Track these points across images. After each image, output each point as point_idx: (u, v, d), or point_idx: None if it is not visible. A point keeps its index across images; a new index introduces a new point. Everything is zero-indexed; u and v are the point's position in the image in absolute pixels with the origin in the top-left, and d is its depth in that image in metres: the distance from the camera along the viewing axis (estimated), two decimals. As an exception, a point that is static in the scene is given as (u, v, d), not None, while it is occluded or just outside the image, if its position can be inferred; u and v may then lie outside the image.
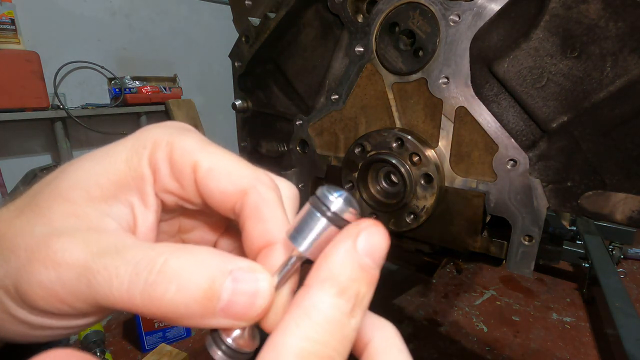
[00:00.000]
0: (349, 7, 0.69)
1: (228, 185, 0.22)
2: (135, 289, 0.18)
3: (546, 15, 0.52)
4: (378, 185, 0.72)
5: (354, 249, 0.19)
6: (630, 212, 0.51)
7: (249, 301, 0.19)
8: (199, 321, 0.19)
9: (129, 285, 0.18)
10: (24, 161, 2.29)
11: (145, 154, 0.22)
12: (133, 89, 2.56)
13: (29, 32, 2.22)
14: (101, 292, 0.18)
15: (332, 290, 0.18)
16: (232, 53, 0.87)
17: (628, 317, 1.58)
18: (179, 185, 0.23)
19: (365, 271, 0.19)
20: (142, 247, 0.19)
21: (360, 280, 0.19)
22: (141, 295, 0.18)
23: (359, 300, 0.19)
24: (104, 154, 0.23)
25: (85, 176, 0.22)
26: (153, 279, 0.18)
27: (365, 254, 0.19)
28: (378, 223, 0.20)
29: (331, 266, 0.18)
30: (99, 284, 0.18)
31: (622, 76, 0.49)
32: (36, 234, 0.20)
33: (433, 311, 1.98)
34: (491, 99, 0.60)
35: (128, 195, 0.22)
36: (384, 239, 0.19)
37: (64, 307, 0.19)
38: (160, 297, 0.18)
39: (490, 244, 0.64)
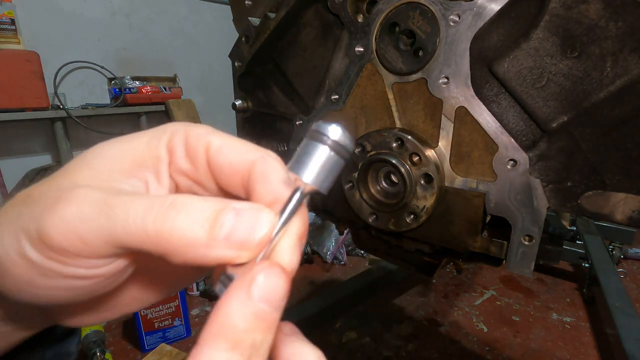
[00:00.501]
0: (349, 7, 0.69)
1: (237, 157, 0.23)
2: (148, 218, 0.20)
3: (546, 15, 0.52)
4: (378, 185, 0.72)
5: (248, 297, 0.18)
6: (630, 212, 0.51)
7: (250, 228, 0.20)
8: (203, 251, 0.19)
9: (143, 215, 0.20)
10: (24, 161, 2.29)
11: (164, 138, 0.24)
12: (133, 89, 2.56)
13: (29, 32, 2.22)
14: (118, 223, 0.20)
15: (224, 345, 0.17)
16: (232, 53, 0.87)
17: (628, 317, 1.58)
18: (192, 167, 0.24)
19: (261, 319, 0.18)
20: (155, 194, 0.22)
21: (256, 329, 0.18)
22: (154, 222, 0.19)
23: (256, 349, 0.18)
24: (128, 137, 0.25)
25: (109, 152, 0.24)
26: (165, 209, 0.20)
27: (261, 300, 0.18)
28: (273, 264, 0.19)
29: (223, 320, 0.18)
30: (116, 216, 0.20)
31: (622, 76, 0.49)
32: (61, 186, 0.22)
33: (433, 311, 1.98)
34: (491, 99, 0.60)
35: (145, 172, 0.24)
36: (281, 280, 0.19)
37: (81, 245, 0.20)
38: (170, 223, 0.19)
39: (490, 244, 0.64)
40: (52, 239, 0.20)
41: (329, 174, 0.21)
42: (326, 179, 0.21)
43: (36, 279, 0.21)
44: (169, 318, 1.67)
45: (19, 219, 0.21)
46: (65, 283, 0.21)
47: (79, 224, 0.20)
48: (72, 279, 0.21)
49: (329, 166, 0.21)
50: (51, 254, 0.20)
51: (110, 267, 0.22)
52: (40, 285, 0.21)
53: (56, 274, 0.21)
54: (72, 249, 0.20)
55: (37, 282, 0.21)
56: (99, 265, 0.21)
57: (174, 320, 1.69)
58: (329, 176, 0.21)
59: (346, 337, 1.79)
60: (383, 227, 0.72)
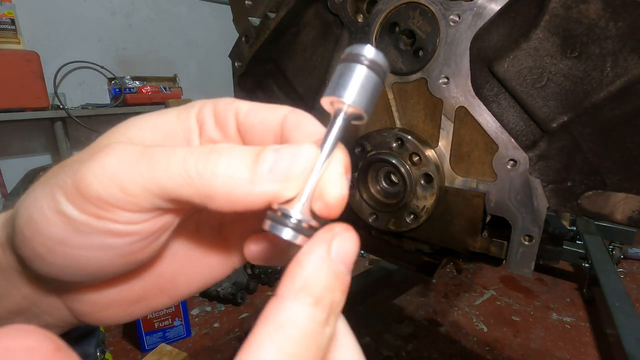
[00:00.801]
0: (349, 7, 0.69)
1: (268, 115, 0.23)
2: (190, 161, 0.19)
3: (546, 15, 0.52)
4: (378, 185, 0.72)
5: (329, 255, 0.18)
6: (630, 212, 0.51)
7: (291, 160, 0.19)
8: (248, 188, 0.19)
9: (184, 159, 0.19)
10: (24, 161, 2.29)
11: (193, 111, 0.25)
12: (133, 89, 2.56)
13: (29, 32, 2.22)
14: (160, 168, 0.19)
15: (307, 300, 0.17)
16: (232, 53, 0.87)
17: (628, 317, 1.58)
18: (222, 134, 0.25)
19: (339, 279, 0.18)
20: None
21: (335, 289, 0.18)
22: (195, 164, 0.19)
23: (333, 308, 0.18)
24: (159, 112, 0.25)
25: (143, 124, 0.24)
26: (206, 153, 0.19)
27: (339, 261, 0.19)
28: (349, 228, 0.19)
29: (306, 275, 0.18)
30: (157, 162, 0.19)
31: (622, 76, 0.49)
32: (99, 145, 0.22)
33: (433, 311, 1.98)
34: (491, 99, 0.60)
35: (177, 143, 0.25)
36: (356, 243, 0.20)
37: (121, 194, 0.19)
38: (212, 164, 0.19)
39: (490, 244, 0.64)
40: (90, 189, 0.19)
41: (370, 94, 0.20)
42: (367, 100, 0.20)
43: (70, 237, 0.20)
44: (169, 318, 1.67)
45: (55, 177, 0.20)
46: (100, 240, 0.20)
47: (119, 172, 0.19)
48: (108, 236, 0.20)
49: (368, 86, 0.20)
50: (88, 206, 0.19)
51: (147, 225, 0.21)
52: (74, 244, 0.20)
53: (92, 228, 0.20)
54: (111, 199, 0.19)
55: (71, 240, 0.20)
56: (137, 220, 0.20)
57: (174, 320, 1.69)
58: (370, 97, 0.20)
59: (346, 337, 1.78)
60: (383, 227, 0.72)
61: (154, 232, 0.22)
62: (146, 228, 0.21)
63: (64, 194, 0.20)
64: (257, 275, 2.28)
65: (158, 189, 0.19)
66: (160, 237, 0.23)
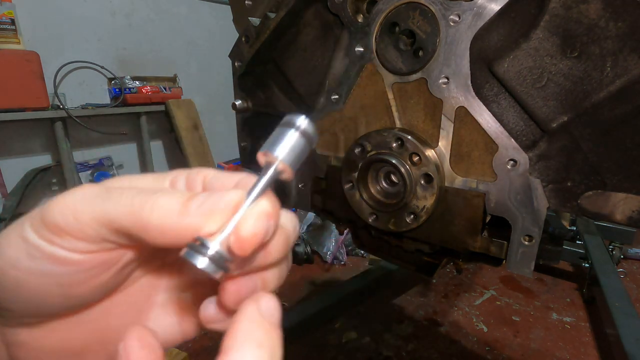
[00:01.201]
0: (349, 7, 0.69)
1: (227, 179, 0.26)
2: (137, 197, 0.22)
3: (546, 15, 0.52)
4: (378, 185, 0.72)
5: (259, 310, 0.22)
6: (630, 212, 0.51)
7: (219, 198, 0.22)
8: (177, 219, 0.22)
9: (133, 195, 0.22)
10: (24, 161, 2.28)
11: (168, 176, 0.28)
12: (133, 89, 2.56)
13: (29, 32, 2.22)
14: (110, 202, 0.22)
15: (252, 345, 0.21)
16: (232, 53, 0.87)
17: (628, 317, 1.58)
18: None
19: (274, 327, 0.22)
20: None
21: (274, 335, 0.22)
22: (140, 199, 0.22)
23: (275, 352, 0.21)
24: (141, 175, 0.28)
25: (123, 179, 0.27)
26: (152, 191, 0.23)
27: (267, 316, 0.22)
28: (266, 293, 0.24)
29: (246, 326, 0.21)
30: (110, 197, 0.22)
31: (622, 76, 0.49)
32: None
33: (433, 311, 1.98)
34: (491, 99, 0.60)
35: None
36: (274, 301, 0.23)
37: (73, 221, 0.22)
38: (152, 200, 0.22)
39: (490, 244, 0.64)
40: (50, 215, 0.22)
41: (297, 155, 0.23)
42: (294, 159, 0.23)
43: (21, 259, 0.22)
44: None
45: (31, 214, 0.24)
46: (44, 266, 0.22)
47: (77, 203, 0.22)
48: (52, 262, 0.22)
49: (298, 148, 0.23)
50: (45, 231, 0.22)
51: (90, 257, 0.23)
52: (23, 267, 0.22)
53: (42, 252, 0.22)
54: (65, 225, 0.22)
55: (21, 263, 0.22)
56: (82, 249, 0.23)
57: (174, 320, 1.68)
58: (297, 157, 0.23)
59: (346, 337, 1.79)
60: (383, 227, 0.72)
61: (95, 265, 0.24)
62: (88, 259, 0.23)
63: (30, 221, 0.23)
64: (257, 275, 2.28)
65: (104, 218, 0.22)
66: (100, 274, 0.24)
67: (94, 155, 2.62)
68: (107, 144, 2.69)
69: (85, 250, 0.23)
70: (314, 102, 0.80)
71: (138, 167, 2.91)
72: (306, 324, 1.63)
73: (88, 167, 2.53)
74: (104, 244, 0.23)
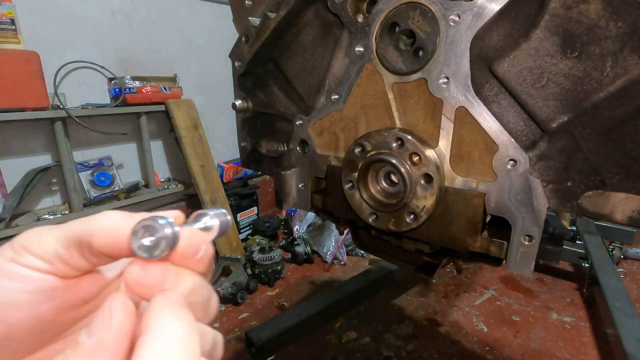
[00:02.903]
0: (349, 7, 0.69)
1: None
2: (87, 218, 0.26)
3: (546, 15, 0.52)
4: (378, 185, 0.72)
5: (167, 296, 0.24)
6: (630, 212, 0.51)
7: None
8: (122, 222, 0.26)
9: (83, 219, 0.26)
10: (24, 161, 2.28)
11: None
12: (133, 89, 2.55)
13: (29, 32, 2.22)
14: (68, 225, 0.26)
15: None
16: (232, 53, 0.87)
17: (628, 317, 1.58)
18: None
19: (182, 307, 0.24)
20: None
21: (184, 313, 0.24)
22: (90, 218, 0.26)
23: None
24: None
25: None
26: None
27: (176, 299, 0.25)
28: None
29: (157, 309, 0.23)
30: (67, 224, 0.27)
31: (622, 76, 0.49)
32: None
33: (433, 311, 1.98)
34: (491, 99, 0.60)
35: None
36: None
37: (39, 243, 0.26)
38: (101, 215, 0.27)
39: (490, 244, 0.64)
40: (17, 239, 0.26)
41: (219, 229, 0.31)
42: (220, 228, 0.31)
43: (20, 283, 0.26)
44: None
45: None
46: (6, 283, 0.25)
47: (41, 229, 0.27)
48: (14, 279, 0.25)
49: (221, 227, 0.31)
50: (9, 252, 0.26)
51: (46, 277, 0.26)
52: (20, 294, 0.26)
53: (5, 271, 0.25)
54: (28, 243, 0.26)
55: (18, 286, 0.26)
56: (40, 267, 0.26)
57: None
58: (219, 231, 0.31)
59: (346, 337, 1.79)
60: (383, 227, 0.72)
61: (48, 287, 0.26)
62: (43, 278, 0.26)
63: (15, 253, 0.26)
64: (257, 275, 2.28)
65: (62, 233, 0.26)
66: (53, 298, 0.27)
67: (94, 155, 2.62)
68: (107, 144, 2.68)
69: (39, 269, 0.26)
70: (314, 102, 0.80)
71: (138, 167, 2.91)
72: (306, 324, 1.63)
73: (88, 167, 2.53)
74: (57, 264, 0.26)
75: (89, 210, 2.41)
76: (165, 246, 0.25)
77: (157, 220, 0.25)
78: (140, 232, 0.25)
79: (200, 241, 0.27)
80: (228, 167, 3.17)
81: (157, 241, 0.24)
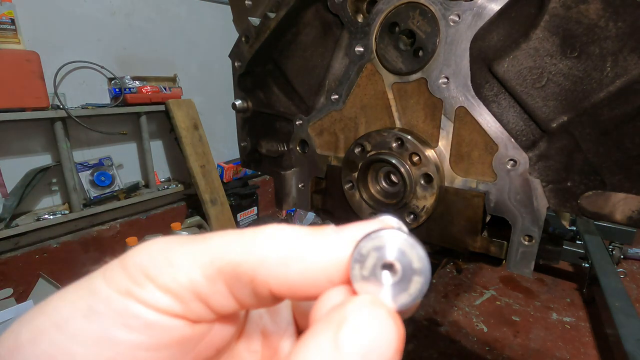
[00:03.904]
0: (349, 7, 0.69)
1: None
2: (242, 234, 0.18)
3: (546, 15, 0.52)
4: (378, 185, 0.72)
5: (335, 347, 0.12)
6: (630, 212, 0.51)
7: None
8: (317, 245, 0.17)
9: (236, 236, 0.18)
10: (24, 161, 2.28)
11: None
12: (133, 89, 2.56)
13: (29, 32, 2.22)
14: (210, 242, 0.18)
15: None
16: (232, 53, 0.87)
17: (628, 317, 1.58)
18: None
19: None
20: None
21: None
22: (249, 234, 0.18)
23: None
24: None
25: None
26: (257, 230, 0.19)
27: (356, 355, 0.12)
28: (377, 302, 0.14)
29: None
30: (204, 240, 0.18)
31: (622, 76, 0.49)
32: None
33: (433, 311, 1.98)
34: (491, 99, 0.60)
35: None
36: (390, 328, 0.13)
37: (169, 267, 0.17)
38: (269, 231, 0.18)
39: (490, 244, 0.64)
40: (132, 256, 0.18)
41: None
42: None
43: (74, 318, 0.17)
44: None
45: None
46: (109, 329, 0.16)
47: (169, 243, 0.18)
48: (123, 325, 0.16)
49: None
50: (122, 278, 0.17)
51: (170, 324, 0.17)
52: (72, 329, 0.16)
53: (109, 308, 0.16)
54: (152, 266, 0.17)
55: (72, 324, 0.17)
56: (165, 306, 0.17)
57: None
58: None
59: (346, 337, 1.78)
60: (383, 227, 0.72)
61: (168, 341, 0.17)
62: (164, 326, 0.17)
63: (104, 271, 0.18)
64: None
65: (205, 255, 0.17)
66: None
67: (94, 155, 2.62)
68: (107, 144, 2.69)
69: (167, 310, 0.16)
70: (314, 102, 0.80)
71: (138, 167, 2.91)
72: (306, 324, 1.63)
73: (88, 167, 2.53)
74: (192, 304, 0.17)
75: (89, 210, 2.41)
76: (424, 284, 0.14)
77: (399, 234, 0.15)
78: (369, 259, 0.15)
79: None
80: (228, 167, 3.17)
81: (404, 276, 0.14)
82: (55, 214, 2.30)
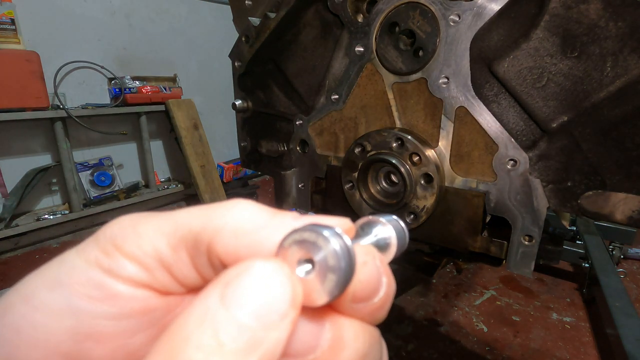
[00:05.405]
0: (349, 7, 0.69)
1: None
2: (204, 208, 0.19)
3: (546, 15, 0.52)
4: (378, 185, 0.72)
5: (222, 301, 0.13)
6: (630, 212, 0.51)
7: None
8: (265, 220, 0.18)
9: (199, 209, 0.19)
10: (24, 161, 2.28)
11: None
12: (133, 89, 2.56)
13: (29, 32, 2.22)
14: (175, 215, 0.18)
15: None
16: (232, 53, 0.87)
17: (628, 317, 1.58)
18: None
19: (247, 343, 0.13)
20: None
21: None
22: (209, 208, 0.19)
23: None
24: None
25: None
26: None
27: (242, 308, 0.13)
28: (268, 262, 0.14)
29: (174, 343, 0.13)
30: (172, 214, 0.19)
31: (622, 76, 0.49)
32: None
33: (433, 311, 1.98)
34: (491, 99, 0.60)
35: None
36: (279, 282, 0.14)
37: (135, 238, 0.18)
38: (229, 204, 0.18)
39: (490, 244, 0.64)
40: (104, 231, 0.18)
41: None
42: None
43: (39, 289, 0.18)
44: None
45: None
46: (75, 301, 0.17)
47: (137, 217, 0.19)
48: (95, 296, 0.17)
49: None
50: (94, 250, 0.18)
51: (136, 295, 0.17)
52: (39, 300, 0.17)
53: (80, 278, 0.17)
54: (121, 237, 0.18)
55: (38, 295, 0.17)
56: (133, 275, 0.17)
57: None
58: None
59: (346, 337, 1.78)
60: (383, 227, 0.72)
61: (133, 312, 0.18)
62: (131, 297, 0.17)
63: (78, 246, 0.19)
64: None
65: (168, 225, 0.18)
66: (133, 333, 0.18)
67: (94, 155, 2.62)
68: (107, 144, 2.69)
69: (133, 278, 0.17)
70: (314, 102, 0.80)
71: (138, 167, 2.91)
72: (306, 324, 1.63)
73: (88, 167, 2.53)
74: (157, 272, 0.17)
75: (89, 210, 2.41)
76: (338, 282, 0.15)
77: (322, 230, 0.15)
78: (292, 249, 0.15)
79: (381, 271, 0.17)
80: (228, 167, 3.17)
81: (321, 270, 0.15)
82: (55, 214, 2.30)
